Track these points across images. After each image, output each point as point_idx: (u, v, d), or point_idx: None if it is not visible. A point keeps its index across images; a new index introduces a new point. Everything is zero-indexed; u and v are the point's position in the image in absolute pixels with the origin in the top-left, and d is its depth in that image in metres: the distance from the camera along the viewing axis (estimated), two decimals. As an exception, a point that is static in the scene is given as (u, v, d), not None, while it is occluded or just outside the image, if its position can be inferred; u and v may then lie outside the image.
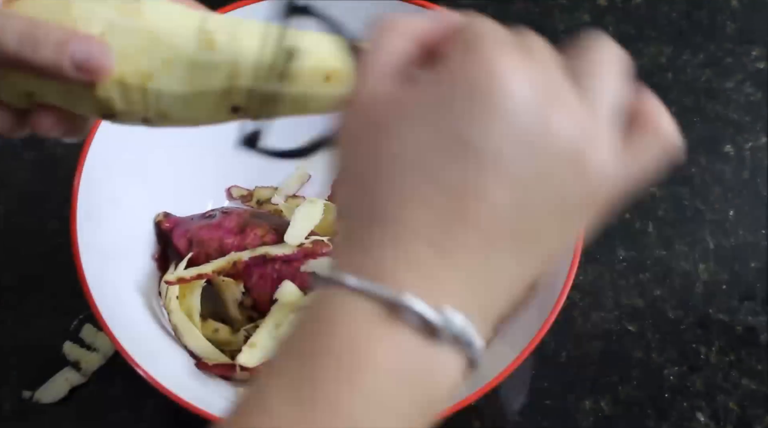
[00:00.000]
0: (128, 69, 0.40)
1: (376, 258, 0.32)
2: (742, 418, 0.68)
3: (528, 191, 0.33)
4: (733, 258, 0.74)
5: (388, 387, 0.30)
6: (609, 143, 0.35)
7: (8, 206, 0.76)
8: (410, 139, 0.32)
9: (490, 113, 0.32)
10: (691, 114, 0.80)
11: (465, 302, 0.31)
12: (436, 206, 0.32)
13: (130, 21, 0.40)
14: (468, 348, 0.31)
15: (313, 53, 0.41)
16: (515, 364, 0.57)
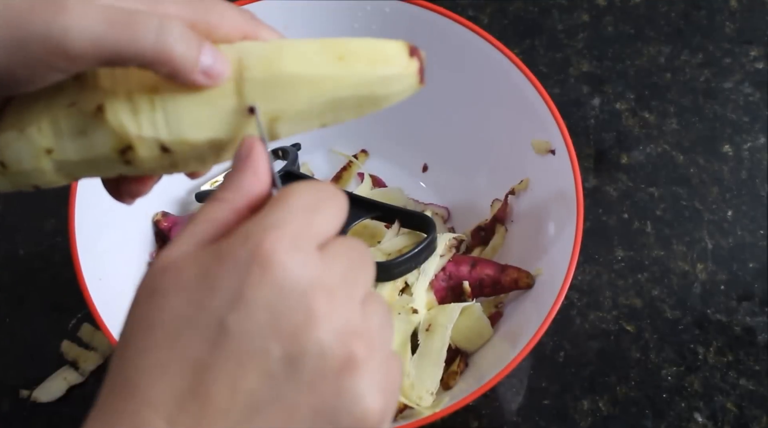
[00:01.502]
0: (134, 84, 0.40)
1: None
2: (739, 418, 0.68)
3: (277, 381, 0.32)
4: (732, 258, 0.74)
5: None
6: (367, 342, 0.34)
7: (7, 206, 0.76)
8: (172, 309, 0.33)
9: (250, 297, 0.32)
10: (689, 114, 0.81)
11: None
12: (178, 381, 0.32)
13: None
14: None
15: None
16: (513, 364, 0.57)
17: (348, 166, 0.75)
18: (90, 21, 0.37)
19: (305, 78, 0.40)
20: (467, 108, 0.71)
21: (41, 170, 0.41)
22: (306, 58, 0.40)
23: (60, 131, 0.41)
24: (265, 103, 0.40)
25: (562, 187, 0.63)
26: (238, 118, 0.40)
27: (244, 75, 0.40)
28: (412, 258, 0.61)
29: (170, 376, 0.32)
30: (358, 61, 0.41)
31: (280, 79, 0.40)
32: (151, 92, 0.40)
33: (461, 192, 0.73)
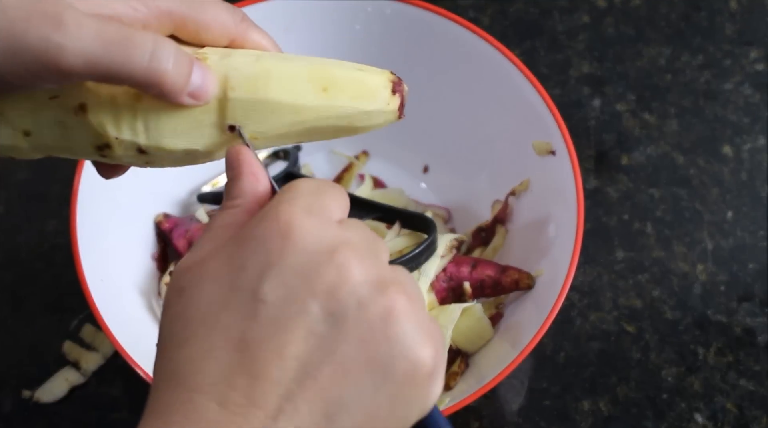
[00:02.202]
0: (118, 90, 0.41)
1: (168, 423, 0.32)
2: (740, 419, 0.68)
3: (324, 340, 0.32)
4: (732, 259, 0.74)
5: None
6: (403, 291, 0.34)
7: (8, 206, 0.76)
8: (203, 298, 0.33)
9: (278, 264, 0.32)
10: (689, 115, 0.81)
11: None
12: (224, 362, 0.32)
13: None
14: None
15: None
16: (514, 365, 0.57)
17: (349, 167, 0.75)
18: (85, 40, 0.37)
19: (288, 106, 0.41)
20: (468, 109, 0.72)
21: (19, 147, 0.43)
22: (291, 87, 0.41)
23: (39, 120, 0.42)
24: (246, 124, 0.41)
25: (563, 188, 0.63)
26: (217, 133, 0.41)
27: (228, 95, 0.40)
28: (413, 259, 0.61)
29: (215, 359, 0.32)
30: (341, 94, 0.41)
31: (263, 105, 0.41)
32: (134, 100, 0.40)
33: (462, 193, 0.73)
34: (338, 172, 0.76)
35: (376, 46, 0.71)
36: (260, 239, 0.33)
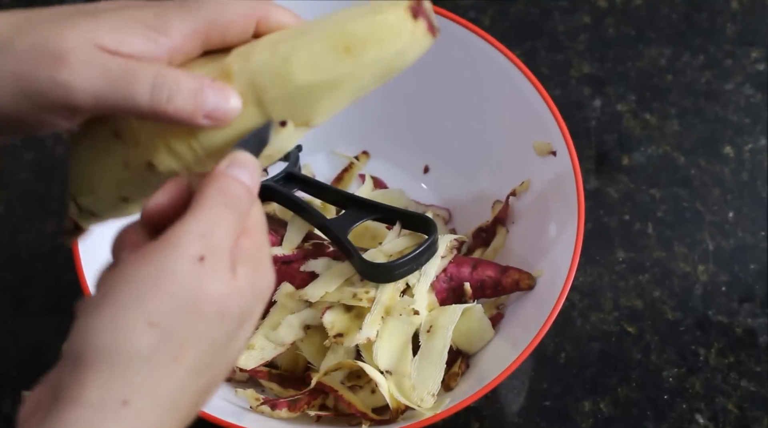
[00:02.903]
0: (171, 134, 0.42)
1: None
2: (741, 420, 0.68)
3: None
4: (733, 260, 0.74)
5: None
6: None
7: (9, 207, 0.76)
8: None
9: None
10: (690, 116, 0.81)
11: None
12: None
13: None
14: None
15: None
16: (515, 365, 0.57)
17: (349, 167, 0.75)
18: (91, 78, 0.38)
19: (321, 84, 0.40)
20: (468, 110, 0.72)
21: (125, 209, 0.45)
22: (315, 64, 0.40)
23: (124, 186, 0.44)
24: (295, 116, 0.41)
25: (563, 188, 0.63)
26: (272, 133, 0.41)
27: (263, 98, 0.40)
28: (414, 259, 0.61)
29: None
30: (365, 49, 0.40)
31: (298, 93, 0.40)
32: (187, 136, 0.41)
33: (462, 193, 0.73)
34: (338, 172, 0.76)
35: (376, 47, 0.71)
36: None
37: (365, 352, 0.61)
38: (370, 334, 0.60)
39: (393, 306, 0.61)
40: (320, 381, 0.62)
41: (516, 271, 0.64)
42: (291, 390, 0.64)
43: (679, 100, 0.81)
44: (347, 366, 0.61)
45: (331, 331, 0.61)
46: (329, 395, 0.63)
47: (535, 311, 0.61)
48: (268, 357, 0.62)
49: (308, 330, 0.63)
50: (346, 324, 0.61)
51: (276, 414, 0.61)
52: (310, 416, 0.62)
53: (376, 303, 0.61)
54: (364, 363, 0.61)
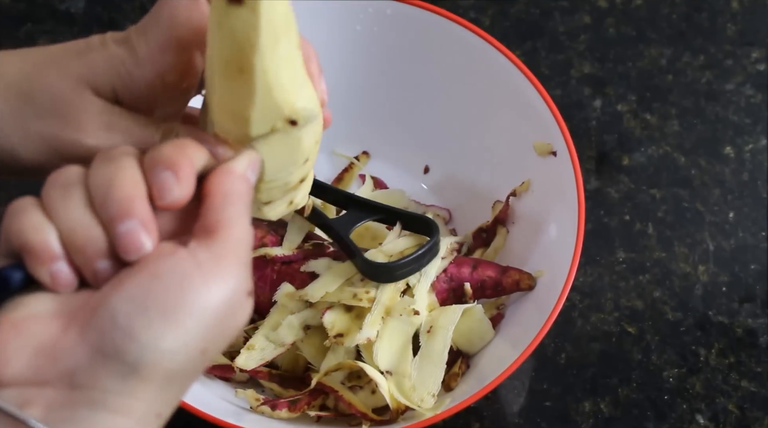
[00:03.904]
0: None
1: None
2: (741, 420, 0.68)
3: None
4: (733, 260, 0.74)
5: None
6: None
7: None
8: None
9: None
10: (691, 116, 0.81)
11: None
12: None
13: None
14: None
15: None
16: (515, 366, 0.57)
17: (349, 167, 0.75)
18: (113, 138, 0.43)
19: (265, 79, 0.41)
20: (468, 110, 0.71)
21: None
22: (239, 95, 0.41)
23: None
24: (279, 119, 0.41)
25: (564, 188, 0.63)
26: (288, 129, 0.42)
27: (252, 135, 0.42)
28: (416, 260, 0.61)
29: None
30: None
31: (262, 98, 0.41)
32: (260, 183, 0.44)
33: (463, 194, 0.73)
34: (338, 172, 0.76)
35: (376, 47, 0.71)
36: None
37: (365, 352, 0.61)
38: (370, 334, 0.60)
39: (393, 306, 0.61)
40: (320, 381, 0.62)
41: (516, 271, 0.64)
42: (291, 390, 0.64)
43: (679, 101, 0.81)
44: (347, 366, 0.61)
45: (331, 331, 0.61)
46: (329, 395, 0.63)
47: (536, 312, 0.61)
48: (268, 357, 0.62)
49: (308, 330, 0.63)
50: (346, 324, 0.61)
51: (276, 415, 0.61)
52: (310, 416, 0.62)
53: (376, 303, 0.61)
54: (365, 363, 0.61)
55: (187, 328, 0.35)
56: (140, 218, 0.37)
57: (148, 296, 0.35)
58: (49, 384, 0.35)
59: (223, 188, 0.39)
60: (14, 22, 0.83)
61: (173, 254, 0.36)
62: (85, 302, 0.36)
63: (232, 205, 0.39)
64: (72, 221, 0.37)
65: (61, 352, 0.35)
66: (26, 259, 0.37)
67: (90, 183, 0.37)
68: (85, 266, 0.37)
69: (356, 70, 0.73)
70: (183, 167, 0.38)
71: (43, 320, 0.36)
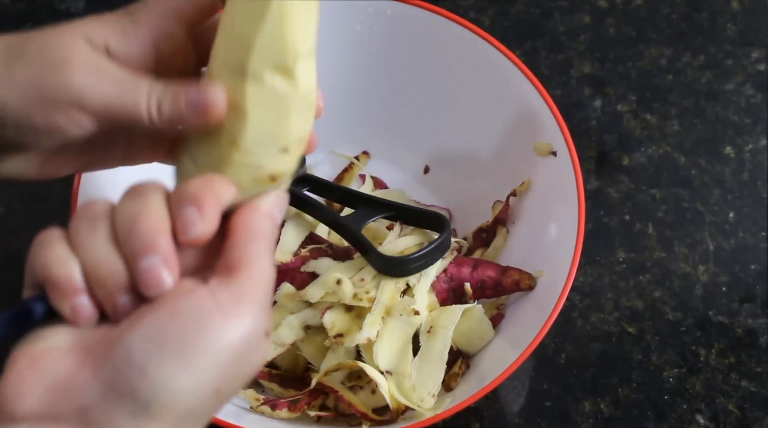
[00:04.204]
0: (218, 150, 0.42)
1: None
2: (741, 420, 0.68)
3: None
4: (733, 260, 0.74)
5: None
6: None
7: (8, 206, 0.76)
8: None
9: None
10: (691, 116, 0.81)
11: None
12: None
13: None
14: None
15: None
16: (515, 366, 0.57)
17: (349, 167, 0.75)
18: (102, 85, 0.41)
19: (269, 23, 0.41)
20: (468, 110, 0.71)
21: None
22: (251, 16, 0.41)
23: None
24: (280, 60, 0.41)
25: (564, 188, 0.63)
26: (286, 86, 0.41)
27: (248, 71, 0.41)
28: (428, 254, 0.61)
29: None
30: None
31: (266, 41, 0.41)
32: (233, 147, 0.42)
33: (463, 194, 0.73)
34: (339, 172, 0.76)
35: (376, 47, 0.71)
36: None
37: (365, 352, 0.61)
38: (370, 334, 0.60)
39: (393, 306, 0.61)
40: (320, 381, 0.62)
41: (516, 271, 0.64)
42: (291, 390, 0.64)
43: (679, 101, 0.81)
44: (347, 366, 0.61)
45: (331, 331, 0.61)
46: (329, 395, 0.63)
47: (536, 312, 0.61)
48: (268, 357, 0.62)
49: (308, 330, 0.63)
50: (346, 324, 0.61)
51: (276, 415, 0.61)
52: (310, 416, 0.62)
53: (376, 303, 0.61)
54: (365, 363, 0.61)
55: (201, 369, 0.35)
56: (162, 254, 0.37)
57: (164, 335, 0.35)
58: (63, 419, 0.35)
59: (248, 226, 0.39)
60: (14, 22, 0.83)
61: (193, 292, 0.36)
62: (103, 337, 0.36)
63: (255, 243, 0.39)
64: (95, 255, 0.37)
65: (76, 388, 0.35)
66: (49, 291, 0.37)
67: (116, 217, 0.38)
68: (106, 301, 0.37)
69: (356, 70, 0.73)
70: (208, 202, 0.38)
71: (60, 354, 0.36)
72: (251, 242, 0.39)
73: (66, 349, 0.36)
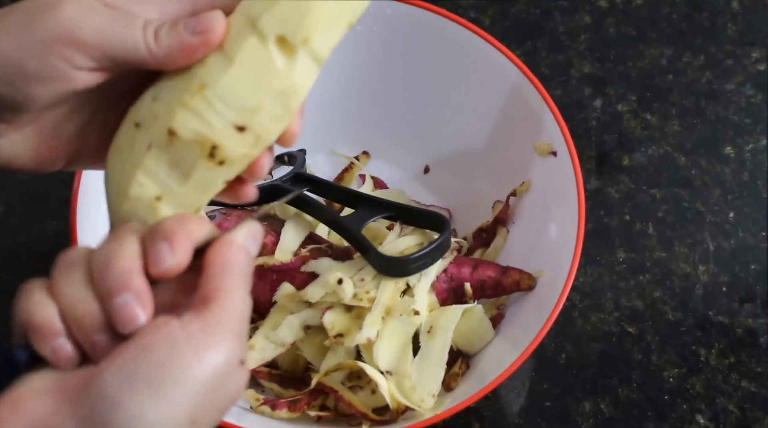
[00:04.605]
0: (184, 94, 0.41)
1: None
2: (741, 420, 0.68)
3: None
4: (733, 260, 0.74)
5: None
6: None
7: (9, 207, 0.76)
8: None
9: None
10: (691, 116, 0.81)
11: None
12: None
13: None
14: None
15: None
16: (515, 366, 0.57)
17: (349, 167, 0.75)
18: (93, 15, 0.40)
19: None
20: (469, 110, 0.71)
21: (162, 216, 0.43)
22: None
23: (156, 175, 0.42)
24: (288, 31, 0.41)
25: (564, 188, 0.63)
26: (279, 62, 0.41)
27: (258, 25, 0.41)
28: (428, 254, 0.61)
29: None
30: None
31: (286, 5, 0.41)
32: (199, 91, 0.41)
33: (463, 194, 0.73)
34: (339, 172, 0.76)
35: (377, 47, 0.71)
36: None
37: (365, 352, 0.61)
38: (370, 334, 0.60)
39: (393, 306, 0.61)
40: (320, 381, 0.61)
41: (516, 271, 0.64)
42: (291, 390, 0.64)
43: (679, 101, 0.81)
44: (347, 366, 0.61)
45: (331, 331, 0.61)
46: (329, 395, 0.63)
47: (536, 312, 0.61)
48: (268, 357, 0.62)
49: (308, 330, 0.62)
50: (346, 324, 0.61)
51: (276, 415, 0.61)
52: (310, 416, 0.62)
53: (376, 304, 0.61)
54: (365, 363, 0.61)
55: (174, 400, 0.36)
56: (135, 291, 0.37)
57: (136, 368, 0.36)
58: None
59: (222, 258, 0.39)
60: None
61: (165, 326, 0.37)
62: (83, 376, 0.37)
63: (229, 275, 0.39)
64: (71, 297, 0.38)
65: (54, 426, 0.36)
66: (30, 336, 0.38)
67: (92, 261, 0.39)
68: (84, 340, 0.38)
69: (356, 70, 0.73)
70: (179, 238, 0.39)
71: (40, 395, 0.37)
72: (225, 274, 0.39)
73: (46, 390, 0.37)
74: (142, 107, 0.42)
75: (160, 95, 0.42)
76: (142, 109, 0.42)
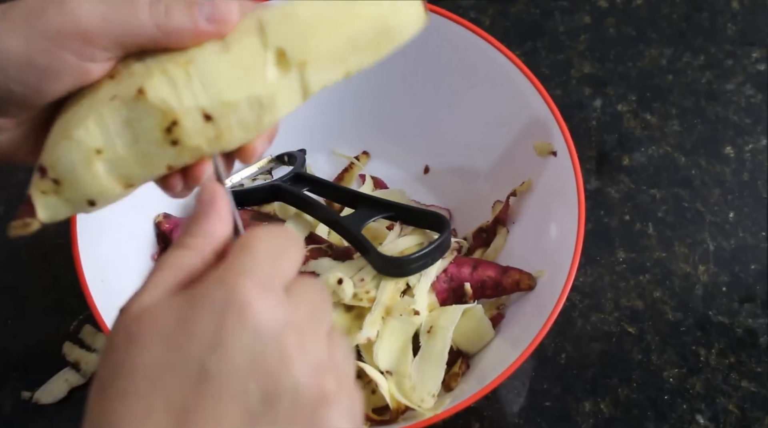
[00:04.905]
0: (168, 62, 0.41)
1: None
2: (741, 420, 0.68)
3: (257, 418, 0.34)
4: (733, 260, 0.74)
5: None
6: (336, 376, 0.36)
7: (8, 206, 0.76)
8: (151, 356, 0.34)
9: (228, 341, 0.33)
10: (691, 116, 0.81)
11: None
12: (162, 426, 0.32)
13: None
14: None
15: None
16: (515, 366, 0.57)
17: (349, 167, 0.75)
18: (96, 4, 0.40)
19: (322, 18, 0.41)
20: (468, 110, 0.71)
21: (94, 174, 0.41)
22: (319, 1, 0.42)
23: (106, 127, 0.41)
24: (290, 47, 0.41)
25: (564, 188, 0.63)
26: (272, 70, 0.41)
27: (266, 30, 0.41)
28: (428, 255, 0.61)
29: (154, 421, 0.33)
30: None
31: (298, 24, 0.41)
32: (185, 65, 0.41)
33: (463, 194, 0.73)
34: (339, 172, 0.76)
35: (376, 47, 0.71)
36: (215, 311, 0.34)
37: (365, 352, 0.61)
38: (370, 334, 0.60)
39: (393, 306, 0.61)
40: (320, 381, 0.61)
41: (516, 271, 0.64)
42: (291, 390, 0.64)
43: (679, 101, 0.81)
44: (347, 366, 0.61)
45: (331, 331, 0.61)
46: (329, 395, 0.63)
47: (536, 312, 0.61)
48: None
49: (308, 330, 0.62)
50: (346, 324, 0.61)
51: (276, 415, 0.61)
52: (310, 416, 0.62)
53: (376, 303, 0.61)
54: (365, 363, 0.61)
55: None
56: None
57: None
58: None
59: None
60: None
61: None
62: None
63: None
64: None
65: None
66: None
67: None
68: None
69: (356, 70, 0.73)
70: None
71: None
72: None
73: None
74: (126, 70, 0.42)
75: (145, 60, 0.41)
76: (127, 72, 0.42)
